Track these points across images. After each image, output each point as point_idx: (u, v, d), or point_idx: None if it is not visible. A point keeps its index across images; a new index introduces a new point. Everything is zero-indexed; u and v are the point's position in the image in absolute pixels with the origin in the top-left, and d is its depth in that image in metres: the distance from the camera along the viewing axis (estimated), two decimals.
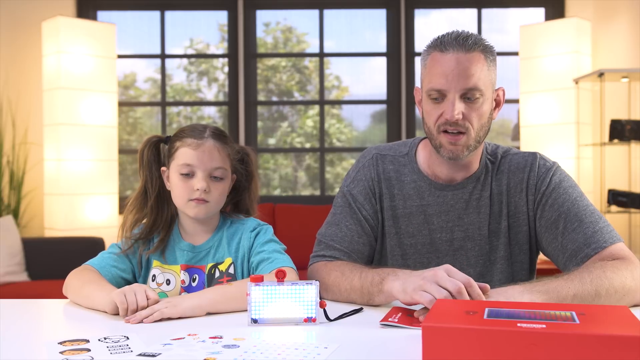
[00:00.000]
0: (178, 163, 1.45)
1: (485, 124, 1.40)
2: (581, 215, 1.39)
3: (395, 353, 1.00)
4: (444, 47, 1.37)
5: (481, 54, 1.37)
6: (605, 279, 1.25)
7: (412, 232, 1.49)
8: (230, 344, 1.04)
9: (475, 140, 1.40)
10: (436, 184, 1.48)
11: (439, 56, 1.37)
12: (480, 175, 1.48)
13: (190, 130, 1.48)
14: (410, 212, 1.49)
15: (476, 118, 1.38)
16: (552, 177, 1.45)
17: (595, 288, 1.23)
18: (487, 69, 1.38)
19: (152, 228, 1.50)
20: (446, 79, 1.35)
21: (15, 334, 1.17)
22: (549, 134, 4.18)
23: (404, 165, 1.53)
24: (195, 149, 1.44)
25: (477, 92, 1.36)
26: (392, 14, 4.66)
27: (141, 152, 1.51)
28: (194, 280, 1.47)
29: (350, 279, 1.36)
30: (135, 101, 4.95)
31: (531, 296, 1.18)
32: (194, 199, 1.44)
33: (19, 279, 3.68)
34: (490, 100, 1.41)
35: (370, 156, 1.56)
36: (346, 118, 5.03)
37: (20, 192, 4.24)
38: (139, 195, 1.52)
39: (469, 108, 1.37)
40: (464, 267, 1.47)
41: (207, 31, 4.87)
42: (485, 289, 1.16)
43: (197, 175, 1.44)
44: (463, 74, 1.35)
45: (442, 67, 1.36)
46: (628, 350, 0.82)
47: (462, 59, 1.35)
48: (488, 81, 1.38)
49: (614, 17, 4.38)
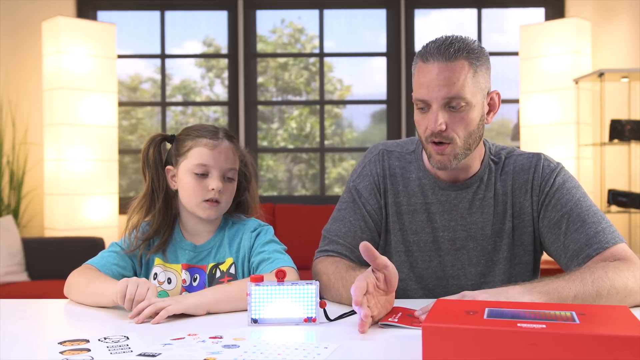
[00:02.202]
0: (192, 163, 1.44)
1: (475, 130, 1.39)
2: (584, 216, 1.39)
3: (395, 353, 1.00)
4: (426, 58, 1.36)
5: (465, 60, 1.34)
6: (607, 279, 1.24)
7: (415, 229, 1.49)
8: (230, 344, 1.04)
9: (464, 148, 1.38)
10: (440, 183, 1.49)
11: (422, 66, 1.37)
12: (483, 176, 1.48)
13: (203, 130, 1.47)
14: (414, 209, 1.50)
15: (462, 127, 1.36)
16: (555, 178, 1.45)
17: (597, 289, 1.23)
18: (473, 76, 1.35)
19: (159, 228, 1.50)
20: (428, 89, 1.35)
21: (15, 334, 1.17)
22: (549, 134, 4.18)
23: (410, 162, 1.53)
24: (211, 149, 1.44)
25: (461, 100, 1.34)
26: (392, 14, 4.66)
27: (145, 151, 1.50)
28: (195, 280, 1.47)
29: (336, 288, 1.38)
30: (134, 101, 4.95)
31: (531, 297, 1.18)
32: (208, 201, 1.44)
33: (19, 279, 3.68)
34: (480, 106, 1.39)
35: (377, 152, 1.56)
36: (346, 118, 5.03)
37: (20, 192, 4.24)
38: (145, 196, 1.51)
39: (454, 117, 1.35)
40: (465, 267, 1.47)
41: (216, 30, 4.87)
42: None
43: (213, 175, 1.44)
44: (444, 84, 1.33)
45: (425, 77, 1.36)
46: (628, 350, 0.82)
47: (443, 69, 1.34)
48: (475, 88, 1.36)
49: (614, 17, 4.38)
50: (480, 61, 1.37)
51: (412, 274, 1.49)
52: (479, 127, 1.40)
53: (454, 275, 1.48)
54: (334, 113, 5.00)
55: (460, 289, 1.43)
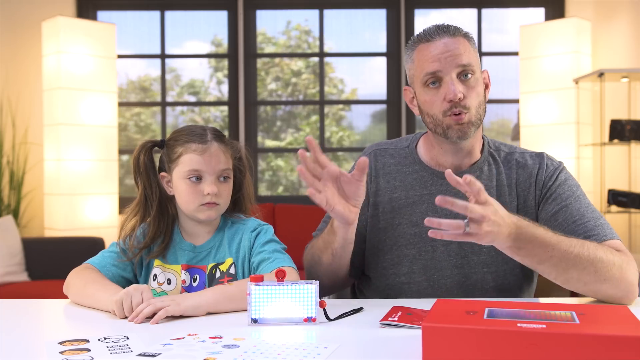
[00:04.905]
0: (184, 169, 1.44)
1: (482, 102, 1.45)
2: (583, 210, 1.42)
3: (395, 353, 1.00)
4: (430, 37, 1.42)
5: (464, 38, 1.43)
6: (595, 250, 1.28)
7: (416, 221, 1.50)
8: (230, 344, 1.04)
9: (477, 118, 1.43)
10: (439, 173, 1.50)
11: (426, 46, 1.42)
12: (483, 165, 1.50)
13: (190, 135, 1.46)
14: (414, 201, 1.51)
15: (474, 96, 1.42)
16: (559, 175, 1.48)
17: (579, 251, 1.26)
18: (473, 51, 1.44)
19: (155, 235, 1.49)
20: (439, 62, 1.40)
21: (15, 334, 1.17)
22: (549, 134, 4.18)
23: (405, 157, 1.56)
24: (201, 154, 1.43)
25: (470, 70, 1.41)
26: (392, 14, 4.66)
27: (136, 158, 1.48)
28: (195, 281, 1.47)
29: (317, 245, 1.49)
30: (135, 101, 4.95)
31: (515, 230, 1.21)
32: (205, 204, 1.44)
33: (19, 279, 3.68)
34: (481, 81, 1.46)
35: (368, 152, 1.59)
36: (347, 118, 5.03)
37: (20, 192, 4.24)
38: (139, 204, 1.50)
39: (466, 87, 1.41)
40: (469, 255, 1.47)
41: (209, 30, 4.87)
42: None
43: (206, 179, 1.43)
44: (455, 54, 1.40)
45: (433, 52, 1.41)
46: (628, 350, 0.82)
47: (449, 42, 1.41)
48: (476, 62, 1.44)
49: (614, 17, 4.38)
50: (473, 41, 1.47)
51: (415, 267, 1.49)
52: (484, 100, 1.46)
53: (458, 265, 1.47)
54: (338, 116, 4.99)
55: (464, 278, 1.46)
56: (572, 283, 1.30)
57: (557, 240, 1.26)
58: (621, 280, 1.29)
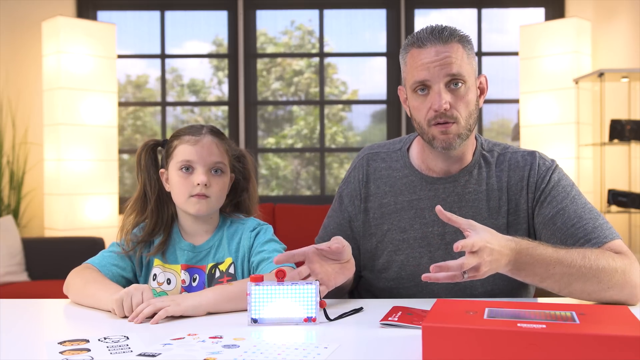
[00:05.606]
0: (177, 160, 1.46)
1: (473, 111, 1.41)
2: (580, 212, 1.40)
3: (395, 353, 1.00)
4: (422, 43, 1.39)
5: (458, 44, 1.38)
6: (600, 259, 1.27)
7: (404, 227, 1.49)
8: (230, 344, 1.04)
9: (466, 129, 1.40)
10: (427, 178, 1.49)
11: (418, 52, 1.39)
12: (473, 169, 1.48)
13: (187, 129, 1.49)
14: (402, 207, 1.50)
15: (463, 106, 1.39)
16: (551, 176, 1.45)
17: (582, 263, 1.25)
18: (467, 58, 1.39)
19: (153, 231, 1.50)
20: (428, 71, 1.37)
21: (15, 334, 1.17)
22: (549, 134, 4.18)
23: (396, 160, 1.54)
24: (193, 144, 1.45)
25: (461, 79, 1.38)
26: (392, 14, 4.66)
27: (138, 156, 1.52)
28: (195, 280, 1.47)
29: None
30: (134, 101, 4.95)
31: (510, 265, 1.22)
32: (195, 195, 1.44)
33: (19, 279, 3.68)
34: (474, 88, 1.42)
35: (362, 156, 1.58)
36: (347, 118, 5.03)
37: (20, 192, 4.24)
38: (138, 199, 1.52)
39: (455, 97, 1.38)
40: None
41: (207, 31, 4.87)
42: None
43: (197, 170, 1.44)
44: (444, 63, 1.36)
45: (423, 60, 1.38)
46: (628, 350, 0.82)
47: (440, 50, 1.37)
48: (469, 69, 1.40)
49: (614, 17, 4.38)
50: (470, 45, 1.42)
51: (403, 273, 1.48)
52: (476, 109, 1.43)
53: None
54: (339, 116, 4.99)
55: (452, 284, 1.44)
56: (577, 294, 1.29)
57: (558, 257, 1.25)
58: (625, 285, 1.28)
